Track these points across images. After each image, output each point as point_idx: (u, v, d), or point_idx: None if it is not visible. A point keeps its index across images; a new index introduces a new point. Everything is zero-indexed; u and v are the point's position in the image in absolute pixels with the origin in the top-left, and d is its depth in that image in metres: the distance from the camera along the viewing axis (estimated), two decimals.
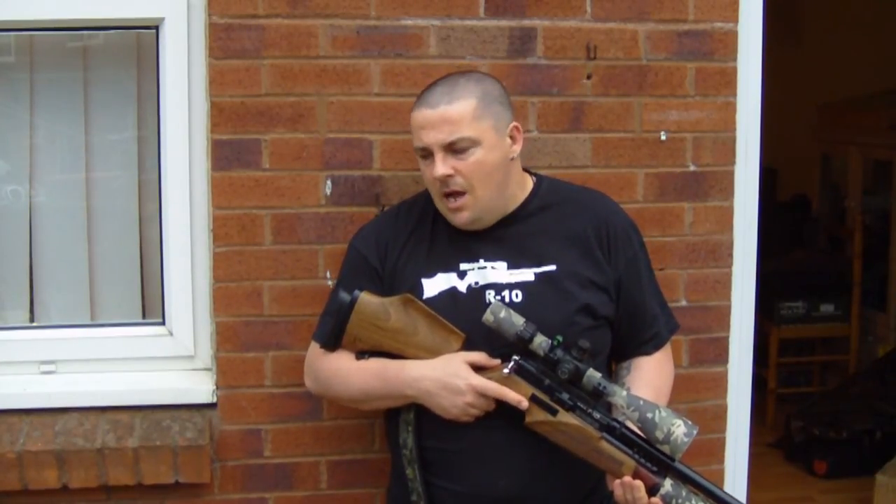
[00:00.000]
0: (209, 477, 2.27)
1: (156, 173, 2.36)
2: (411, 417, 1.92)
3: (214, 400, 2.30)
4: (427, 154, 1.91)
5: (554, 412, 1.81)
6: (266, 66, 2.22)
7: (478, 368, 1.87)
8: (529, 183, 2.03)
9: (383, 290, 1.98)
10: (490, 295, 1.92)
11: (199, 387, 2.32)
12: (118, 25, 2.33)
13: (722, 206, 2.40)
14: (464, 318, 1.89)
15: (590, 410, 1.81)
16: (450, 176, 1.88)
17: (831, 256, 5.65)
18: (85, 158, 2.44)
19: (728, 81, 2.37)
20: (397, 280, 1.98)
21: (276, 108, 2.23)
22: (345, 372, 1.99)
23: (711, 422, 2.43)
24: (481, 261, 1.95)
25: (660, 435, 1.76)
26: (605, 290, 1.96)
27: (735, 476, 2.49)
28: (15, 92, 2.41)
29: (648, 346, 2.03)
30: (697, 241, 2.39)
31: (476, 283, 1.94)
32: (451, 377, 1.85)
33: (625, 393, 1.80)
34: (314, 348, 2.06)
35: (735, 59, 2.37)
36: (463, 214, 1.92)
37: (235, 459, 2.31)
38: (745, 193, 2.43)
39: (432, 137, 1.88)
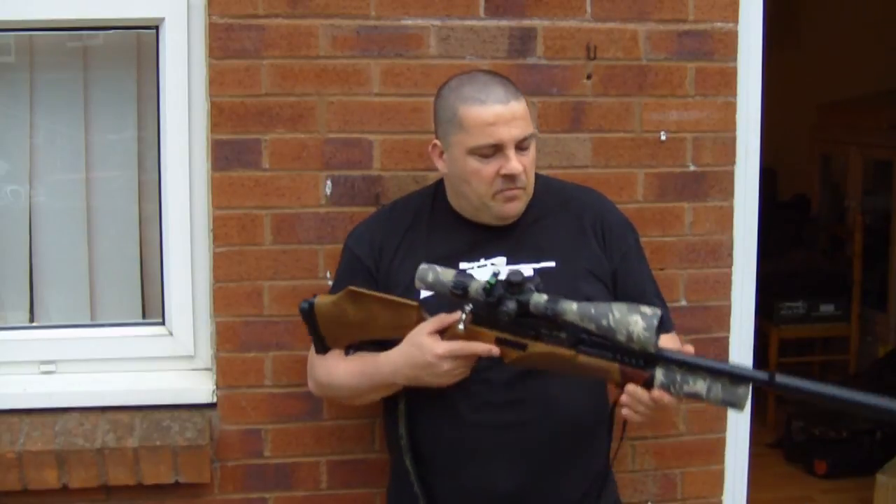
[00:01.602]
0: (209, 477, 2.27)
1: (156, 173, 2.36)
2: (403, 407, 1.92)
3: (214, 400, 2.30)
4: (493, 152, 1.88)
5: (523, 346, 1.77)
6: (266, 66, 2.22)
7: (446, 329, 1.84)
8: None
9: (380, 289, 1.98)
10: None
11: (198, 387, 2.32)
12: (118, 25, 2.33)
13: (722, 206, 2.40)
14: None
15: (555, 333, 1.75)
16: (522, 172, 1.89)
17: (831, 256, 5.65)
18: (85, 158, 2.44)
19: (728, 81, 2.37)
20: (392, 280, 1.98)
21: (276, 108, 2.23)
22: (335, 372, 2.01)
23: (711, 422, 2.43)
24: (482, 259, 1.95)
25: (622, 338, 1.68)
26: (603, 282, 1.97)
27: (735, 476, 2.48)
28: (15, 92, 2.41)
29: None
30: (697, 241, 2.39)
31: None
32: (419, 356, 1.82)
33: (575, 306, 1.71)
34: (312, 350, 2.06)
35: (735, 60, 2.37)
36: (517, 204, 1.93)
37: (235, 459, 2.31)
38: (745, 193, 2.43)
39: (507, 133, 1.86)
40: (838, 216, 5.88)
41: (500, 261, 1.94)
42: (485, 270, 1.94)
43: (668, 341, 1.97)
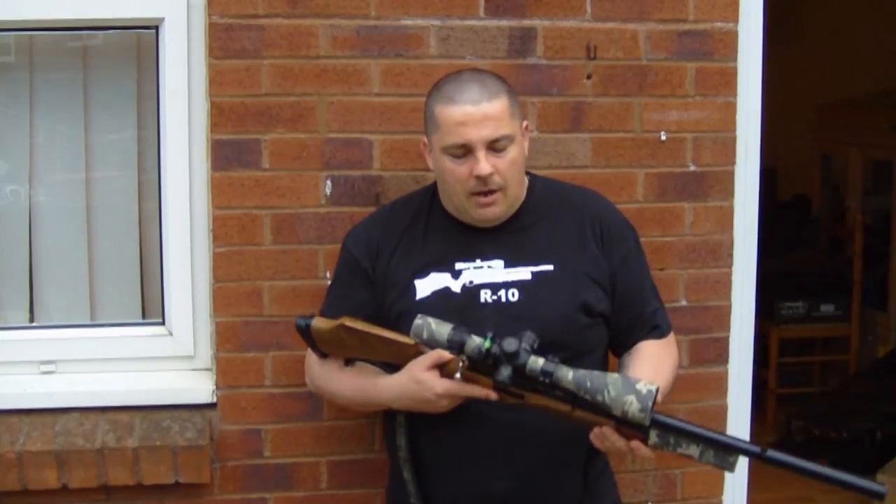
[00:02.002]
0: (209, 477, 2.27)
1: (156, 173, 2.36)
2: (403, 419, 1.93)
3: (214, 400, 2.30)
4: (463, 153, 1.87)
5: (520, 396, 1.78)
6: (266, 66, 2.22)
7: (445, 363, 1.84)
8: (526, 181, 2.03)
9: (376, 290, 1.99)
10: (486, 294, 1.91)
11: (198, 387, 2.32)
12: (118, 25, 2.33)
13: (722, 206, 2.40)
14: (456, 318, 1.86)
15: (551, 391, 1.75)
16: (490, 174, 1.86)
17: (831, 256, 5.65)
18: (85, 158, 2.44)
19: (728, 81, 2.36)
20: (389, 280, 1.97)
21: (276, 108, 2.23)
22: (334, 380, 2.02)
23: (711, 422, 2.42)
24: (478, 260, 1.94)
25: (616, 413, 1.70)
26: (601, 286, 1.96)
27: (735, 476, 2.47)
28: (15, 92, 2.41)
29: (649, 338, 2.02)
30: (697, 241, 2.39)
31: (471, 282, 1.93)
32: (418, 392, 1.83)
33: (571, 376, 1.72)
34: (314, 365, 2.08)
35: (735, 59, 2.36)
36: (494, 209, 1.91)
37: (235, 459, 2.31)
38: (745, 193, 2.42)
39: (476, 134, 1.85)
40: (838, 216, 5.88)
41: (498, 263, 1.94)
42: (481, 271, 1.94)
43: (659, 347, 1.99)
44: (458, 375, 1.79)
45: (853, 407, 4.48)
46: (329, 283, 2.16)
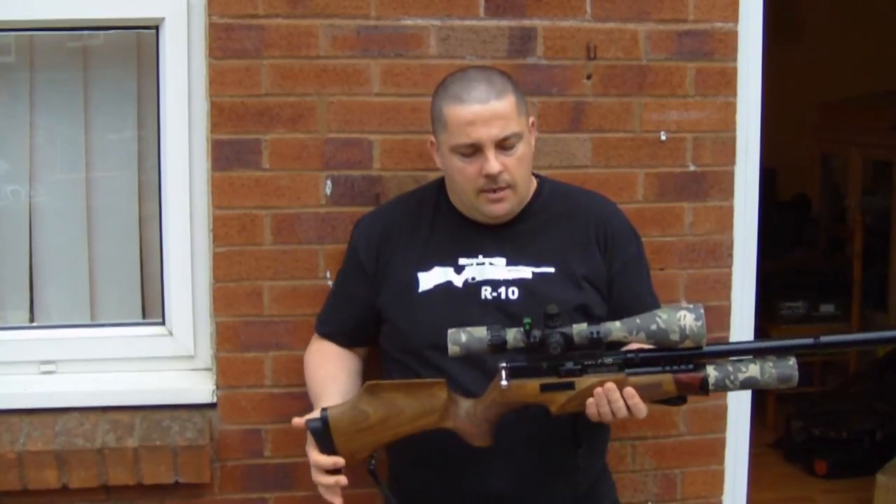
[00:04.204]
0: (209, 477, 2.27)
1: (156, 173, 2.36)
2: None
3: (214, 400, 2.30)
4: (472, 152, 1.87)
5: (570, 385, 1.75)
6: (266, 66, 2.22)
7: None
8: (534, 182, 2.03)
9: (369, 286, 2.00)
10: (486, 291, 1.92)
11: (199, 387, 2.32)
12: (118, 25, 2.33)
13: (722, 206, 2.40)
14: (456, 313, 1.88)
15: (599, 361, 1.75)
16: (500, 172, 1.86)
17: (831, 256, 5.65)
18: (85, 158, 2.44)
19: (728, 81, 2.37)
20: (391, 272, 1.98)
21: (276, 108, 2.24)
22: (310, 364, 2.08)
23: (711, 422, 2.43)
24: (480, 256, 1.95)
25: (675, 336, 1.70)
26: (600, 291, 1.97)
27: (735, 476, 2.48)
28: (15, 92, 2.41)
29: None
30: (697, 241, 2.39)
31: (472, 278, 1.94)
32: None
33: (619, 323, 1.73)
34: (312, 341, 2.13)
35: (735, 59, 2.37)
36: (503, 205, 1.91)
37: (235, 459, 2.31)
38: (745, 193, 2.43)
39: (485, 133, 1.85)
40: (838, 216, 5.88)
41: (500, 261, 1.94)
42: (483, 267, 1.94)
43: None
44: (504, 383, 1.75)
45: (853, 407, 4.48)
46: (330, 284, 2.19)
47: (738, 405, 2.47)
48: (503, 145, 1.87)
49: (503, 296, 1.91)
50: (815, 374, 5.29)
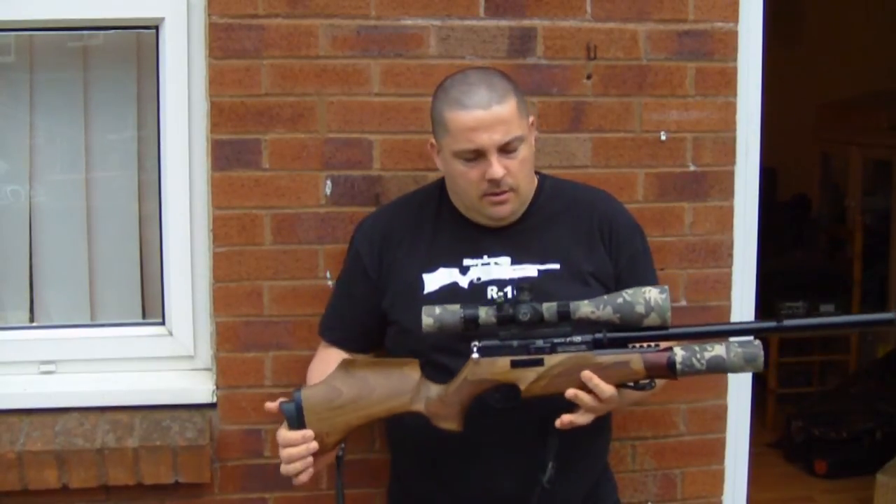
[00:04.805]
0: (209, 477, 2.27)
1: (156, 173, 2.36)
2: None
3: (214, 400, 2.30)
4: (475, 156, 1.87)
5: (540, 362, 1.78)
6: (266, 66, 2.22)
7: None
8: (535, 180, 2.03)
9: (374, 289, 2.00)
10: (492, 291, 1.91)
11: (199, 387, 2.32)
12: (118, 25, 2.33)
13: (722, 206, 2.40)
14: None
15: (568, 340, 1.78)
16: (503, 176, 1.86)
17: (831, 256, 5.65)
18: (85, 158, 2.44)
19: (728, 81, 2.37)
20: (394, 275, 1.98)
21: (276, 108, 2.24)
22: (313, 369, 2.07)
23: (711, 422, 2.43)
24: (485, 256, 1.95)
25: (640, 310, 1.74)
26: (606, 287, 1.96)
27: (735, 476, 2.48)
28: (15, 92, 2.41)
29: None
30: (697, 241, 2.39)
31: (478, 278, 1.94)
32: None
33: (586, 300, 1.77)
34: (318, 350, 2.11)
35: (735, 59, 2.37)
36: (506, 207, 1.91)
37: (235, 459, 2.31)
38: (745, 193, 2.42)
39: (488, 139, 1.84)
40: (838, 216, 5.88)
41: (505, 260, 1.95)
42: (488, 267, 1.94)
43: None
44: (475, 356, 1.79)
45: (853, 407, 4.48)
46: (331, 284, 2.19)
47: (738, 405, 2.47)
48: (506, 149, 1.86)
49: (509, 295, 1.91)
50: (815, 374, 5.30)
